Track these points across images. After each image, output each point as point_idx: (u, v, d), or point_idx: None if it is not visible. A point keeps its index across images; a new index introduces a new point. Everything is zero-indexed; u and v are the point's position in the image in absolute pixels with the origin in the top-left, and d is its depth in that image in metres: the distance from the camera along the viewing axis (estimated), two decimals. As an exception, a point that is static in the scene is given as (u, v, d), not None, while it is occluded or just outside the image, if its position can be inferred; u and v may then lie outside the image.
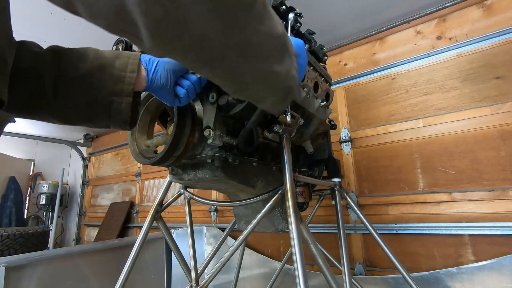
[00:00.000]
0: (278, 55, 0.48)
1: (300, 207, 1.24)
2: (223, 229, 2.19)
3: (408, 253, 1.51)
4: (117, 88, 0.61)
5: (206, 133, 0.75)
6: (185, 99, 0.70)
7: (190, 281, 1.02)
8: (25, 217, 4.07)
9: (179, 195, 1.13)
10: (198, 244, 2.17)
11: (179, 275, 1.90)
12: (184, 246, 1.15)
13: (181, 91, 0.69)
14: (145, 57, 0.66)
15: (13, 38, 0.48)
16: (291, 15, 0.89)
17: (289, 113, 0.85)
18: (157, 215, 1.08)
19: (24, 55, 0.56)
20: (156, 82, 0.65)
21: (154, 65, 0.65)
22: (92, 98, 0.60)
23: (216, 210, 2.35)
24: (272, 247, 1.99)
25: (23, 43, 0.57)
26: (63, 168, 3.88)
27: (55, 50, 0.59)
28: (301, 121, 0.95)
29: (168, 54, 0.37)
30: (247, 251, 1.98)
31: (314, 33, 1.10)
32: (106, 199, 3.67)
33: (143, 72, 0.64)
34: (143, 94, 0.86)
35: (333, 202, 1.25)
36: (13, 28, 0.48)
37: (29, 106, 0.57)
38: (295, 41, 0.66)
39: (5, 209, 3.80)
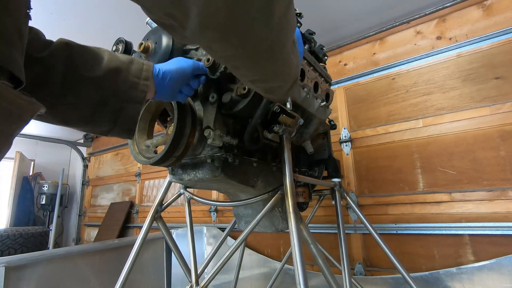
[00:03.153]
0: (294, 45, 0.50)
1: (300, 207, 1.24)
2: (223, 229, 2.19)
3: (408, 253, 1.51)
4: (130, 94, 0.60)
5: (206, 133, 0.75)
6: (184, 100, 0.75)
7: (190, 281, 1.02)
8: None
9: (179, 195, 1.13)
10: (198, 244, 2.17)
11: (179, 275, 1.89)
12: (184, 246, 1.15)
13: (181, 98, 0.74)
14: (155, 67, 0.66)
15: (29, 9, 0.43)
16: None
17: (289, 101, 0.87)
18: (157, 215, 1.08)
19: (32, 41, 0.50)
20: (163, 93, 0.68)
21: (163, 79, 0.66)
22: (102, 101, 0.58)
23: (216, 210, 2.35)
24: (272, 247, 1.99)
25: (30, 28, 0.51)
26: (63, 168, 3.88)
27: (67, 44, 0.56)
28: (301, 121, 0.95)
29: (208, 42, 0.37)
30: (247, 251, 1.98)
31: (314, 33, 1.11)
32: (106, 199, 3.67)
33: (153, 82, 0.65)
34: (143, 94, 0.85)
35: (333, 202, 1.26)
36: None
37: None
38: None
39: (25, 208, 3.84)
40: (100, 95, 0.58)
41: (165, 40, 0.78)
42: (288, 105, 0.85)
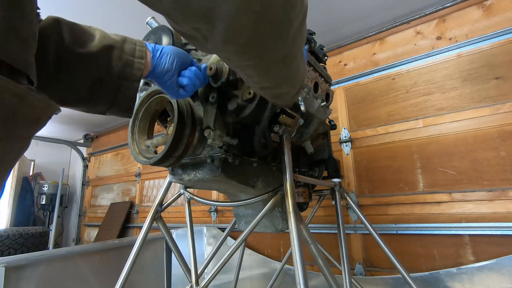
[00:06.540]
0: (302, 53, 0.51)
1: (300, 207, 1.24)
2: (223, 229, 2.19)
3: (408, 253, 1.51)
4: (126, 72, 0.60)
5: (206, 134, 0.75)
6: (189, 88, 0.67)
7: (190, 281, 1.01)
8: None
9: (179, 195, 1.13)
10: (198, 244, 2.17)
11: (179, 275, 1.90)
12: (184, 246, 1.15)
13: (184, 81, 0.67)
14: (150, 44, 0.66)
15: (38, 9, 0.44)
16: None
17: (302, 103, 0.87)
18: (157, 215, 1.08)
19: None
20: (160, 68, 0.64)
21: (159, 52, 0.64)
22: (98, 79, 0.58)
23: (216, 210, 2.35)
24: (272, 247, 1.99)
25: None
26: (63, 168, 3.88)
27: (57, 20, 0.55)
28: (301, 121, 0.95)
29: (228, 54, 0.38)
30: (247, 251, 1.97)
31: (314, 33, 1.11)
32: (106, 199, 3.67)
33: (149, 59, 0.63)
34: (144, 94, 0.86)
35: (333, 202, 1.25)
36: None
37: None
38: None
39: (25, 208, 3.85)
40: (95, 73, 0.57)
41: (165, 40, 0.78)
42: (302, 108, 0.86)
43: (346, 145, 1.82)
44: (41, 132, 3.84)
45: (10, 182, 3.78)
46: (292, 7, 0.34)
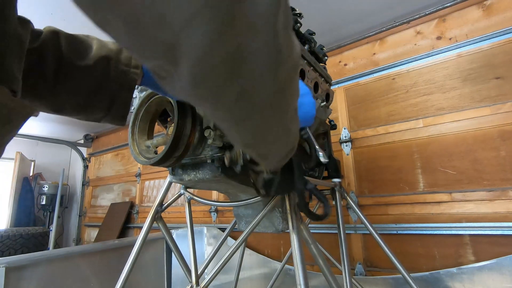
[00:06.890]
0: (295, 113, 0.47)
1: (300, 207, 1.24)
2: (223, 230, 2.19)
3: (408, 253, 1.51)
4: (121, 82, 0.60)
5: (206, 134, 0.75)
6: (175, 98, 0.73)
7: (190, 282, 1.01)
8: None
9: (179, 195, 1.13)
10: (198, 245, 2.17)
11: (179, 275, 1.90)
12: (184, 247, 1.15)
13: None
14: None
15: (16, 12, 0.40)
16: (291, 16, 0.89)
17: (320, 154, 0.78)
18: (157, 216, 1.08)
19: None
20: (150, 81, 0.67)
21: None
22: (94, 89, 0.58)
23: (216, 211, 2.35)
24: (272, 247, 1.99)
25: (19, 18, 0.50)
26: (63, 169, 3.88)
27: (56, 33, 0.55)
28: (301, 122, 0.95)
29: (199, 100, 0.33)
30: (247, 251, 1.97)
31: (314, 33, 1.11)
32: (106, 199, 3.67)
33: (141, 67, 0.64)
34: (144, 94, 0.86)
35: (333, 202, 1.25)
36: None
37: (22, 91, 0.49)
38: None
39: (25, 209, 3.85)
40: (92, 84, 0.58)
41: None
42: (322, 159, 0.78)
43: (346, 145, 1.82)
44: (42, 133, 3.85)
45: (11, 183, 3.78)
46: (278, 52, 0.29)
